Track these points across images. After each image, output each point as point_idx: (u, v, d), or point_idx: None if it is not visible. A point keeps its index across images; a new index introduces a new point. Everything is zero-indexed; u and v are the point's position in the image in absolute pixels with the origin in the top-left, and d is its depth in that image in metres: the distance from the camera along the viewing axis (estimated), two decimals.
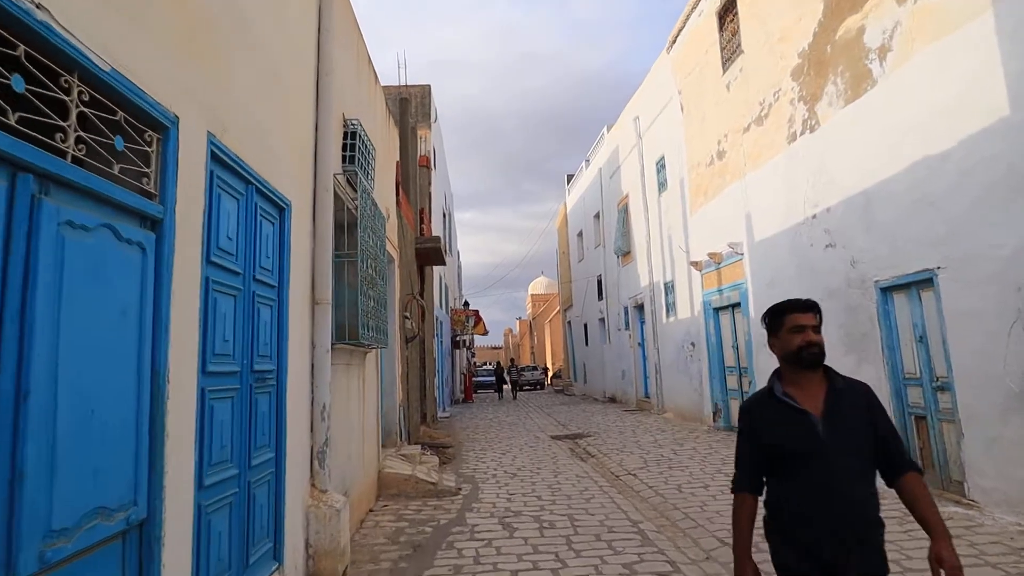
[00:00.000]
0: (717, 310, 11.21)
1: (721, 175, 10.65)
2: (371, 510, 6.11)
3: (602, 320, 20.36)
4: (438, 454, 9.28)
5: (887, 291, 6.42)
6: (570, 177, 26.18)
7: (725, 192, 10.49)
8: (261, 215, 3.34)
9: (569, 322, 26.32)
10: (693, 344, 12.32)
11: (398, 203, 9.25)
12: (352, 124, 5.46)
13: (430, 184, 16.36)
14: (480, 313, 23.51)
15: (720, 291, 10.89)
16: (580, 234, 23.71)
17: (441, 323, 18.71)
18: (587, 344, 22.81)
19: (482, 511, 6.03)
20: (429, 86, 17.95)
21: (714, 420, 11.30)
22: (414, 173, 13.09)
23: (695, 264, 11.79)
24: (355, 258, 4.93)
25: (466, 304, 25.01)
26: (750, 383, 9.74)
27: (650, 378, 15.22)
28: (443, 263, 13.35)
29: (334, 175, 4.83)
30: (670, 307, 13.73)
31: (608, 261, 19.17)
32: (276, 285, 3.54)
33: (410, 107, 14.65)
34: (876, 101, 6.38)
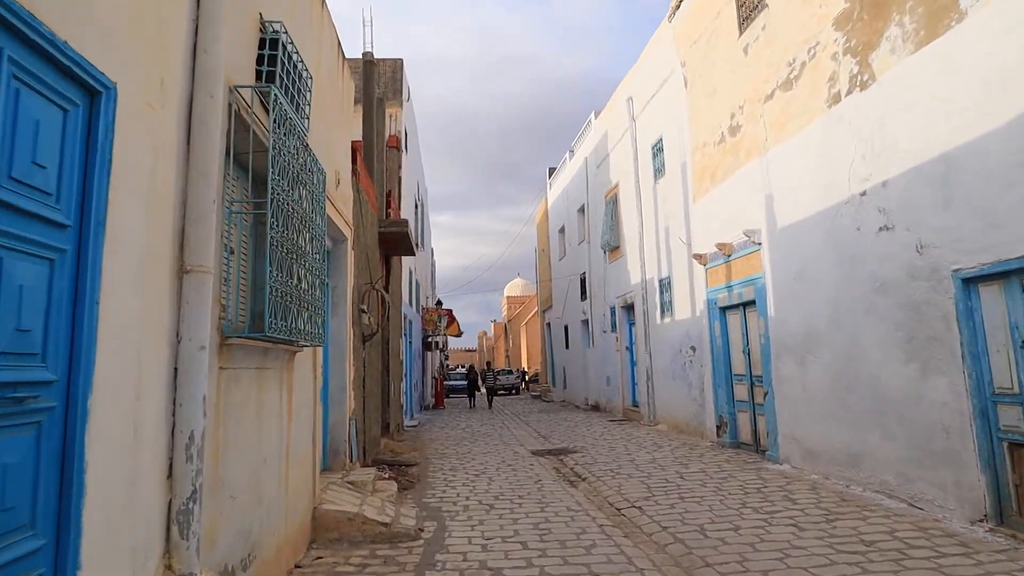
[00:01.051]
0: (724, 309, 9.82)
1: (734, 153, 9.27)
2: (297, 566, 4.49)
3: (585, 322, 18.93)
4: (399, 476, 7.67)
5: (971, 282, 5.05)
6: (552, 170, 24.76)
7: (739, 173, 9.11)
8: (25, 86, 1.74)
9: (548, 324, 24.86)
10: (693, 348, 10.92)
11: (355, 173, 7.65)
12: (274, 29, 3.86)
13: (400, 167, 14.73)
14: (454, 313, 21.90)
15: (729, 287, 9.51)
16: (562, 230, 22.28)
17: (411, 322, 17.06)
18: (568, 347, 21.37)
19: (448, 568, 4.46)
20: (401, 60, 16.32)
21: (718, 435, 9.90)
22: (380, 151, 11.46)
23: (698, 257, 10.39)
24: (265, 213, 3.32)
25: (439, 303, 23.39)
26: (766, 395, 8.35)
27: (639, 385, 13.80)
28: (412, 253, 11.74)
29: (234, 87, 3.24)
30: (666, 307, 12.34)
31: (593, 258, 17.76)
32: (69, 225, 1.94)
33: (378, 75, 13.03)
34: (963, 40, 5.01)
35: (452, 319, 21.32)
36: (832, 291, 6.86)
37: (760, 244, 8.47)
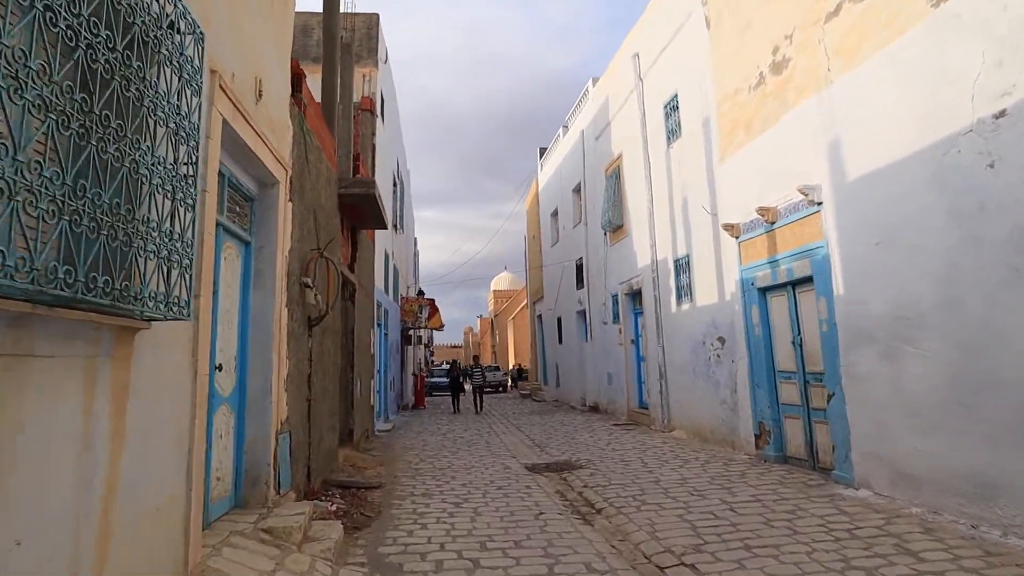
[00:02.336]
0: (765, 290, 7.99)
1: (779, 96, 7.42)
2: None
3: (581, 313, 17.07)
4: (352, 508, 5.72)
5: None
6: (543, 150, 22.86)
7: (787, 119, 7.27)
8: None
9: (539, 316, 22.97)
10: (722, 339, 9.08)
11: (300, 104, 5.68)
12: None
13: (374, 135, 12.72)
14: (436, 303, 19.93)
15: (772, 263, 7.67)
16: (555, 213, 20.39)
17: (386, 312, 15.08)
18: (561, 341, 19.50)
19: None
20: (377, 15, 14.29)
21: (757, 446, 8.08)
22: (347, 105, 9.46)
23: (729, 228, 8.55)
24: None
25: (420, 292, 21.39)
26: (830, 397, 6.53)
27: (649, 384, 11.96)
28: (383, 225, 9.77)
29: None
30: (683, 291, 10.49)
31: (591, 241, 15.89)
32: None
33: (350, 27, 11.02)
34: None
35: (434, 310, 19.37)
36: (943, 258, 5.02)
37: (820, 204, 6.63)
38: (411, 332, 20.81)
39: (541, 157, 22.84)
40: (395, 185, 17.34)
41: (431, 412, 17.99)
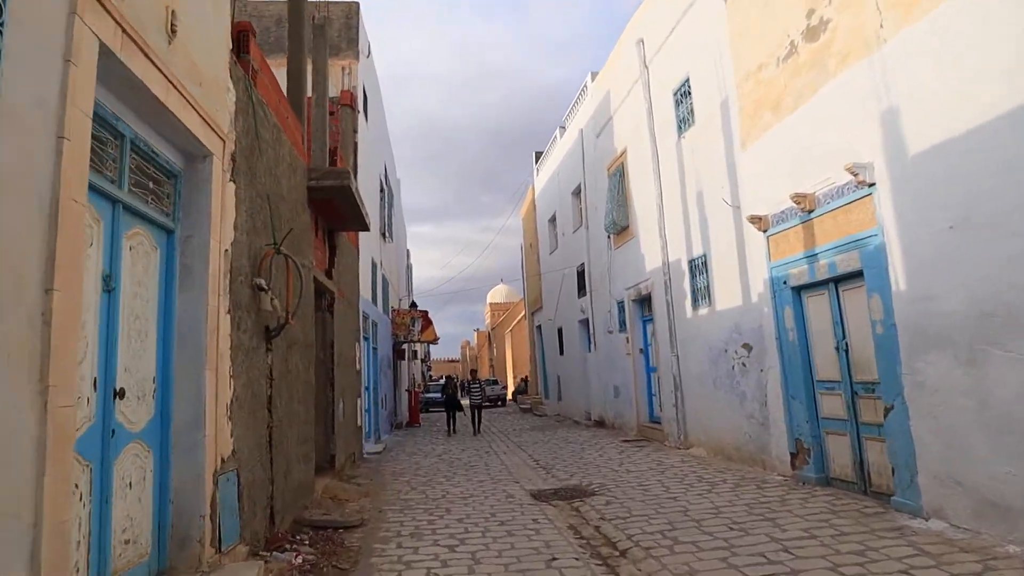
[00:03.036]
0: (800, 289, 7.02)
1: (816, 64, 6.50)
2: None
3: (584, 322, 16.07)
4: (322, 560, 4.68)
5: None
6: (538, 155, 21.98)
7: (826, 90, 6.34)
8: None
9: (538, 326, 21.94)
10: (748, 346, 8.09)
11: (248, 68, 4.71)
12: None
13: (356, 132, 11.76)
14: (430, 315, 18.90)
15: (811, 257, 6.70)
16: (552, 219, 19.45)
17: (375, 324, 14.05)
18: (562, 353, 18.47)
19: None
20: (357, 3, 13.40)
21: (794, 466, 7.07)
22: (323, 95, 8.52)
23: (756, 221, 7.59)
24: None
25: (413, 305, 20.37)
26: (889, 410, 5.53)
27: (661, 396, 10.94)
28: (364, 226, 8.77)
29: None
30: (700, 294, 9.51)
31: (593, 245, 14.93)
32: None
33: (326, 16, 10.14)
34: None
35: (428, 322, 18.33)
36: None
37: (873, 185, 5.67)
38: (404, 346, 19.75)
39: (537, 162, 21.94)
40: (382, 191, 16.38)
41: (426, 430, 16.88)
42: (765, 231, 7.56)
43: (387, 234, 16.73)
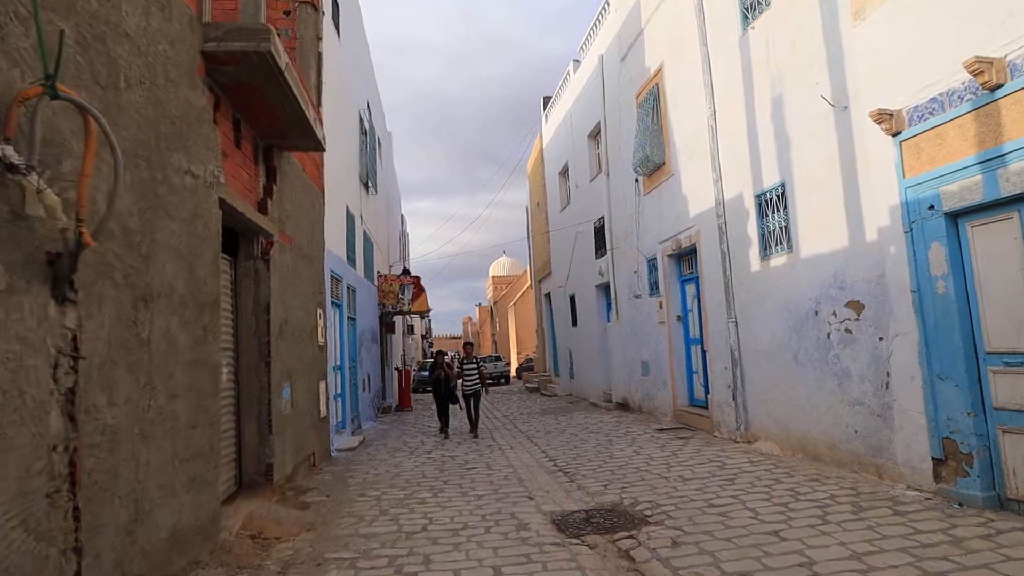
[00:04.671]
0: (961, 216, 4.62)
1: None
2: None
3: (603, 286, 13.68)
4: None
5: None
6: (547, 100, 19.35)
7: None
8: None
9: (547, 294, 19.56)
10: (857, 305, 5.70)
11: None
12: None
13: (320, 39, 9.21)
14: (422, 282, 16.50)
15: (989, 163, 4.28)
16: (564, 171, 16.94)
17: (352, 290, 11.69)
18: (576, 324, 16.13)
19: None
20: None
21: (938, 477, 4.75)
22: None
23: (882, 120, 5.13)
24: None
25: (405, 271, 17.96)
26: None
27: (712, 374, 8.60)
28: (314, 142, 6.34)
29: None
30: (774, 238, 7.10)
31: (616, 194, 12.46)
32: None
33: None
34: None
35: (420, 290, 15.95)
36: None
37: None
38: (394, 318, 17.44)
39: (545, 108, 19.32)
40: (364, 134, 13.87)
41: (419, 416, 14.61)
42: (896, 134, 5.12)
43: (370, 184, 14.26)
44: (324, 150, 6.65)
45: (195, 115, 4.39)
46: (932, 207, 4.83)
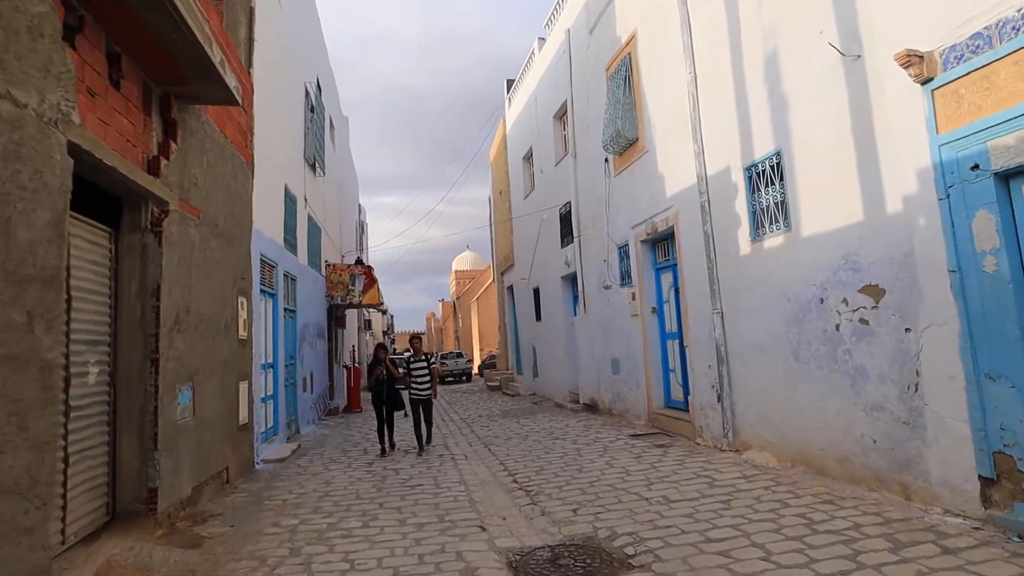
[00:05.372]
0: (1010, 177, 3.74)
1: None
2: None
3: (569, 277, 12.70)
4: None
5: None
6: (510, 83, 18.27)
7: None
8: None
9: (509, 287, 18.49)
10: (876, 291, 4.79)
11: None
12: None
13: None
14: (375, 272, 15.20)
15: None
16: (528, 156, 15.90)
17: (292, 280, 10.40)
18: (540, 318, 15.11)
19: None
20: None
21: (988, 502, 3.87)
22: None
23: (912, 64, 4.22)
24: None
25: (359, 261, 16.62)
26: None
27: (693, 373, 7.67)
28: (223, 91, 5.10)
29: None
30: (768, 216, 6.17)
31: (584, 176, 11.47)
32: None
33: None
34: None
35: (372, 281, 14.66)
36: None
37: None
38: (344, 312, 16.10)
39: (509, 90, 18.24)
40: (312, 111, 12.53)
41: (367, 417, 13.31)
42: (927, 81, 4.21)
43: (318, 166, 12.93)
44: (237, 103, 5.39)
45: (24, 22, 3.17)
46: (976, 167, 3.93)
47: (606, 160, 10.15)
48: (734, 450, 6.61)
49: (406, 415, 8.47)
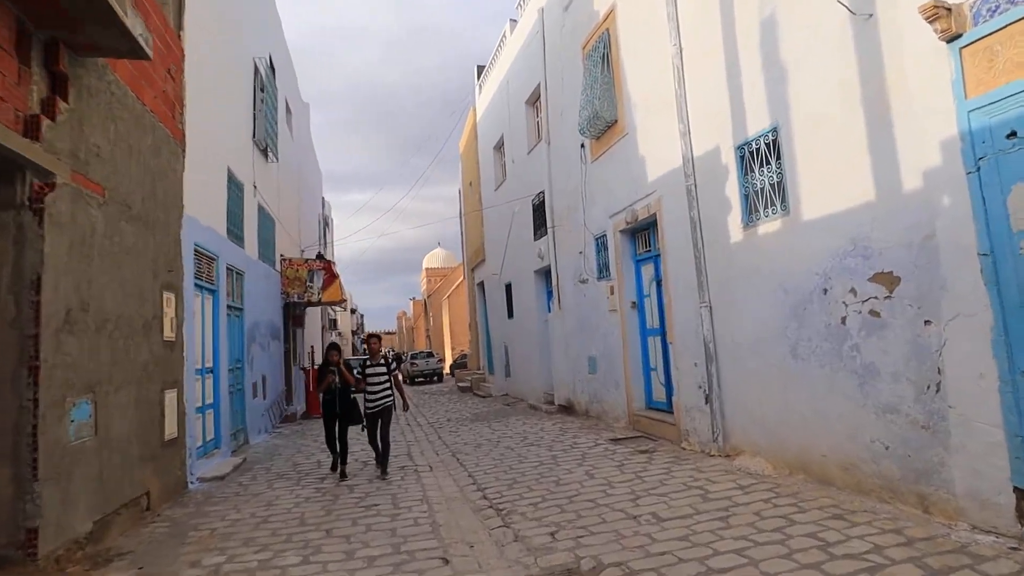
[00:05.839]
0: None
1: None
2: None
3: (543, 271, 12.05)
4: None
5: None
6: (481, 70, 17.53)
7: None
8: None
9: (480, 283, 17.77)
10: (889, 279, 4.23)
11: None
12: None
13: None
14: (335, 267, 14.31)
15: None
16: (499, 145, 15.19)
17: (236, 274, 9.52)
18: (512, 315, 14.44)
19: None
20: None
21: (1023, 518, 3.32)
22: None
23: (939, 17, 3.66)
24: None
25: (320, 256, 15.67)
26: None
27: (677, 372, 7.08)
28: (129, 44, 4.25)
29: None
30: (762, 198, 5.59)
31: (559, 163, 10.82)
32: None
33: None
34: None
35: (332, 276, 13.77)
36: None
37: None
38: (304, 310, 15.16)
39: (480, 77, 17.49)
40: (263, 90, 11.60)
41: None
42: (954, 38, 3.66)
43: (271, 151, 12.00)
44: (146, 57, 4.55)
45: None
46: (1014, 134, 3.39)
47: (582, 146, 9.52)
48: (724, 455, 6.04)
49: (362, 429, 6.92)
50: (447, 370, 34.09)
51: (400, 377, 7.06)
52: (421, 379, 28.46)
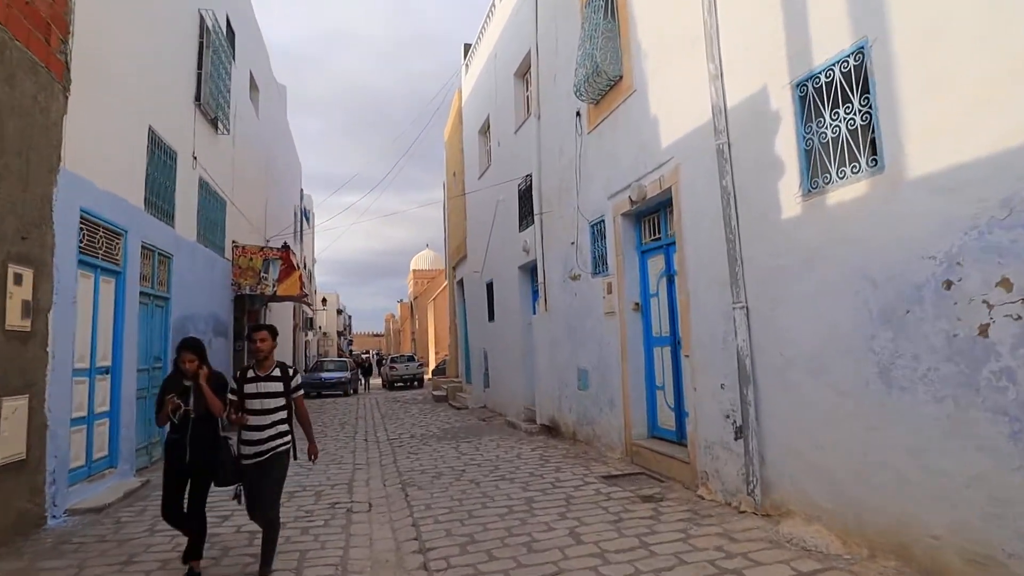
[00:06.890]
0: None
1: None
2: None
3: (528, 267, 10.41)
4: None
5: None
6: (468, 47, 15.92)
7: None
8: None
9: (460, 281, 16.06)
10: None
11: None
12: None
13: None
14: (294, 257, 12.56)
15: None
16: (485, 128, 13.57)
17: (166, 257, 7.80)
18: (492, 318, 12.76)
19: None
20: None
21: None
22: None
23: None
24: None
25: (285, 246, 13.88)
26: None
27: (679, 391, 5.42)
28: None
29: None
30: (831, 155, 3.96)
31: (549, 140, 9.19)
32: None
33: None
34: None
35: (291, 267, 12.02)
36: None
37: None
38: (264, 305, 13.39)
39: (466, 55, 15.87)
40: (209, 47, 9.90)
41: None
42: None
43: (221, 121, 10.28)
44: None
45: None
46: None
47: (578, 114, 7.90)
48: (764, 514, 4.38)
49: (236, 496, 3.78)
50: (429, 375, 32.31)
51: (304, 406, 3.95)
52: (400, 384, 26.80)
